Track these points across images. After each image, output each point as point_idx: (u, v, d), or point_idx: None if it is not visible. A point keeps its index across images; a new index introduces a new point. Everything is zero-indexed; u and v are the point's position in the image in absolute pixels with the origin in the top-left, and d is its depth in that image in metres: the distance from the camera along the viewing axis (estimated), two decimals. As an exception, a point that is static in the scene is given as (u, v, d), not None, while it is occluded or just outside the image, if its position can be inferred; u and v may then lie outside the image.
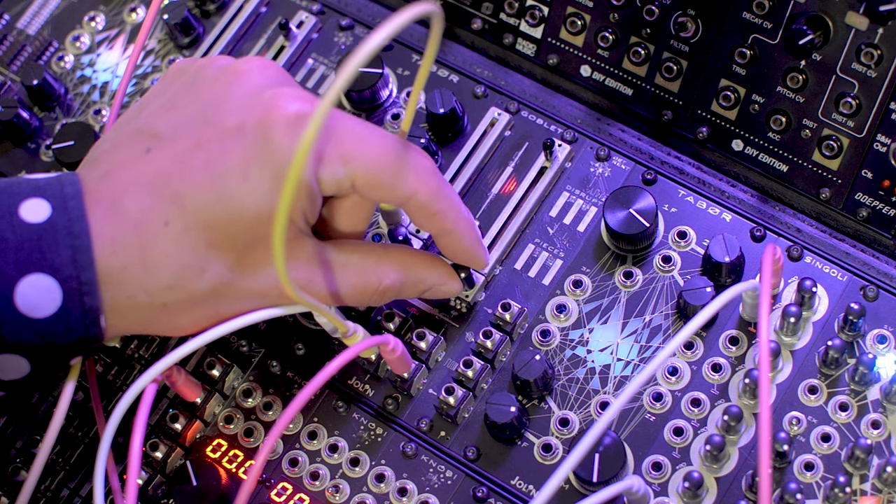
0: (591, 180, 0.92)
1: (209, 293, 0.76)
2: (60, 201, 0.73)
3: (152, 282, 0.74)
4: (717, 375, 0.85)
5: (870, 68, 0.86)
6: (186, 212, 0.74)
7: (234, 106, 0.75)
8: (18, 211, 0.73)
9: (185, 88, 0.78)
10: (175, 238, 0.74)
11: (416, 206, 0.78)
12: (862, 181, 0.88)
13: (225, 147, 0.74)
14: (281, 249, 0.68)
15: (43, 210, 0.73)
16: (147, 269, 0.74)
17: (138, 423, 0.76)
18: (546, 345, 0.88)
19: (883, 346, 0.85)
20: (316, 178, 0.75)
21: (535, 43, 0.97)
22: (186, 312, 0.76)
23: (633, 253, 0.89)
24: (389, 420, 0.88)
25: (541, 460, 0.85)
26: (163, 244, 0.74)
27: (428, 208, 0.78)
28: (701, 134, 0.93)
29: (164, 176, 0.74)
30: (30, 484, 0.79)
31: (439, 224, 0.80)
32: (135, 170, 0.75)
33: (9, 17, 1.04)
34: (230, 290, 0.76)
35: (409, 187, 0.77)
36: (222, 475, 0.85)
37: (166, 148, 0.75)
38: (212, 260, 0.75)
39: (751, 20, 0.89)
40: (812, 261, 0.88)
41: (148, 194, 0.74)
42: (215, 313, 0.77)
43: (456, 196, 0.80)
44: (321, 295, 0.79)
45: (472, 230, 0.82)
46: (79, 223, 0.72)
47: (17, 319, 0.72)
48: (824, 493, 0.81)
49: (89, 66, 1.01)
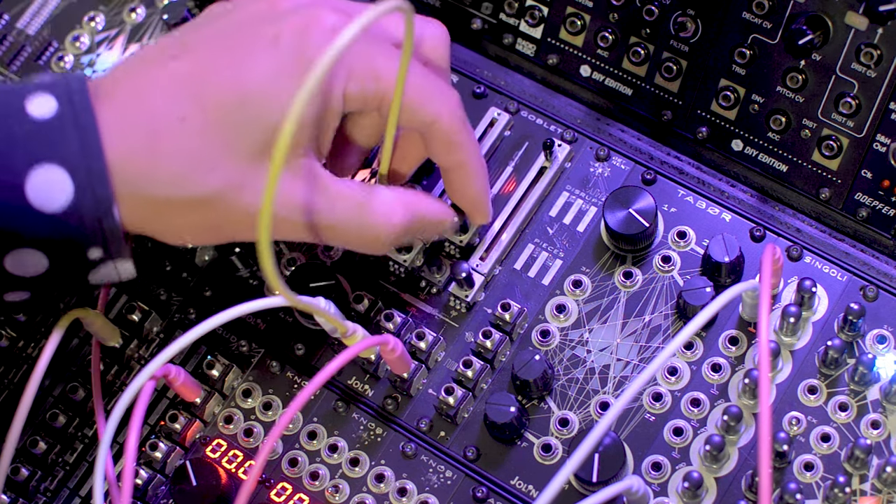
0: (590, 180, 0.92)
1: (213, 195, 0.74)
2: (66, 96, 0.73)
3: (159, 172, 0.74)
4: (716, 375, 0.85)
5: (869, 68, 0.86)
6: (206, 111, 0.73)
7: (270, 18, 0.76)
8: (25, 106, 0.73)
9: (219, 14, 0.78)
10: (190, 133, 0.73)
11: (437, 133, 0.79)
12: (862, 181, 0.88)
13: (256, 55, 0.74)
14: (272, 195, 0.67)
15: (49, 104, 0.73)
16: (155, 159, 0.73)
17: (135, 418, 0.76)
18: (546, 345, 0.88)
19: (883, 346, 0.85)
20: (343, 94, 0.76)
21: (535, 43, 0.97)
22: (188, 214, 0.75)
23: (633, 253, 0.89)
24: (389, 420, 0.88)
25: (540, 460, 0.85)
26: (176, 137, 0.73)
27: (448, 137, 0.79)
28: (701, 134, 0.93)
29: (186, 77, 0.74)
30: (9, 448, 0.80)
31: (456, 156, 0.81)
32: (155, 73, 0.75)
33: (9, 17, 1.04)
34: (234, 197, 0.75)
35: (434, 111, 0.78)
36: (222, 475, 0.85)
37: (193, 53, 0.75)
38: (224, 160, 0.74)
39: (750, 20, 0.89)
40: (812, 261, 0.88)
41: (165, 93, 0.74)
42: (215, 226, 0.76)
43: (476, 139, 0.82)
44: (323, 227, 0.78)
45: (484, 173, 0.83)
46: (85, 114, 0.73)
47: (31, 213, 0.72)
48: (824, 493, 0.81)
49: (89, 66, 1.02)
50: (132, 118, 0.73)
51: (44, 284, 0.76)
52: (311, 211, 0.77)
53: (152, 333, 0.93)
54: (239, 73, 0.74)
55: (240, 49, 0.75)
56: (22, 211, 0.72)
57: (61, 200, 0.72)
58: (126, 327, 0.92)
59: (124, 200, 0.74)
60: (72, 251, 0.74)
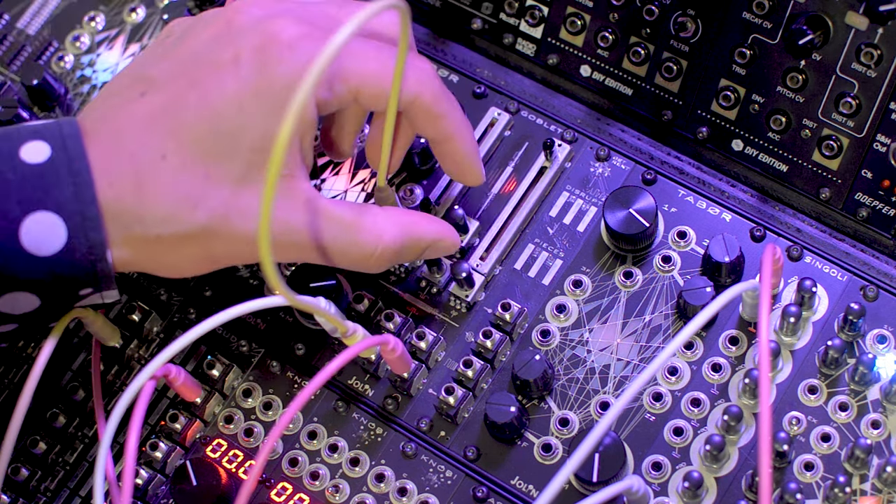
0: (591, 180, 0.92)
1: (203, 228, 0.75)
2: (60, 141, 0.74)
3: (147, 212, 0.74)
4: (716, 375, 0.85)
5: (870, 68, 0.86)
6: (183, 146, 0.74)
7: (228, 41, 0.76)
8: (19, 153, 0.73)
9: (177, 39, 0.79)
10: (172, 170, 0.74)
11: (419, 110, 0.79)
12: (862, 181, 0.88)
13: (220, 80, 0.74)
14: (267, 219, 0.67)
15: (43, 151, 0.74)
16: (142, 200, 0.74)
17: (135, 418, 0.76)
18: (546, 345, 0.88)
19: (883, 345, 0.85)
20: (315, 103, 0.76)
21: (535, 43, 0.97)
22: (179, 248, 0.76)
23: (633, 253, 0.89)
24: (389, 420, 0.88)
25: (541, 460, 0.85)
26: (160, 175, 0.74)
27: (431, 111, 0.79)
28: (701, 134, 0.93)
29: (159, 114, 0.75)
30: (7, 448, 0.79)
31: (442, 128, 0.81)
32: (130, 110, 0.75)
33: (9, 17, 1.04)
34: (224, 227, 0.75)
35: (412, 91, 0.78)
36: (222, 475, 0.85)
37: (160, 90, 0.76)
38: (208, 193, 0.75)
39: (751, 20, 0.89)
40: (812, 261, 0.88)
41: (144, 131, 0.74)
42: (208, 255, 0.77)
43: (456, 102, 0.82)
44: (312, 247, 0.78)
45: (472, 138, 0.83)
46: (79, 161, 0.73)
47: (24, 258, 0.73)
48: (824, 493, 0.81)
49: (89, 66, 1.01)
50: (117, 160, 0.74)
51: (33, 319, 0.77)
52: (299, 231, 0.77)
53: (152, 333, 0.93)
54: (206, 103, 0.74)
55: (204, 78, 0.75)
56: (16, 255, 0.73)
57: (55, 245, 0.73)
58: (126, 327, 0.92)
59: (117, 242, 0.75)
60: (63, 291, 0.75)
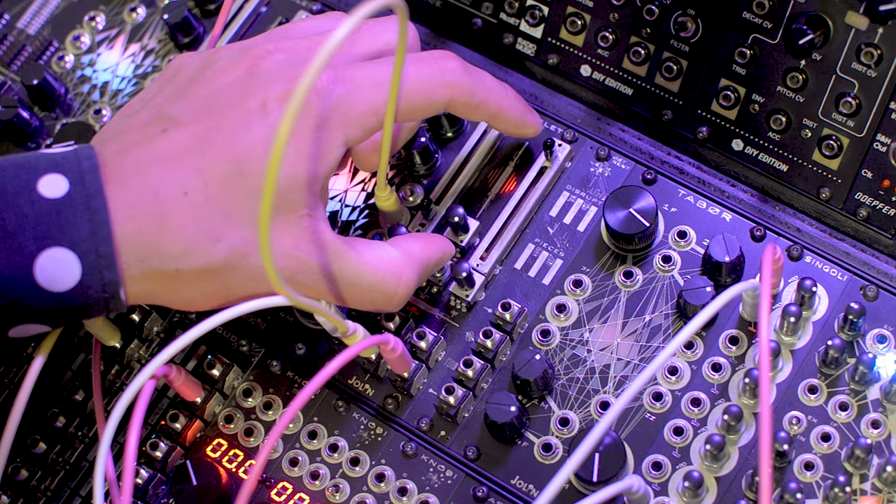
0: (591, 180, 0.92)
1: (222, 264, 0.75)
2: (78, 176, 0.74)
3: (167, 246, 0.74)
4: (717, 375, 0.85)
5: (870, 68, 0.86)
6: (207, 184, 0.74)
7: (255, 87, 0.76)
8: (37, 187, 0.73)
9: (193, 78, 0.79)
10: (194, 206, 0.74)
11: (457, 107, 0.82)
12: (862, 181, 0.88)
13: (247, 125, 0.75)
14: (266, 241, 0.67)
15: (61, 185, 0.73)
16: (163, 234, 0.74)
17: (135, 418, 0.76)
18: (546, 344, 0.88)
19: (883, 345, 0.85)
20: (344, 141, 0.77)
21: (535, 43, 0.97)
22: (197, 283, 0.76)
23: (633, 253, 0.89)
24: (389, 420, 0.88)
25: (541, 460, 0.85)
26: (182, 210, 0.74)
27: (469, 103, 0.82)
28: (701, 134, 0.93)
29: (183, 153, 0.75)
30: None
31: (486, 111, 0.84)
32: (152, 147, 0.75)
33: (9, 16, 1.04)
34: (243, 264, 0.76)
35: (444, 97, 0.80)
36: (222, 475, 0.85)
37: (182, 128, 0.76)
38: (229, 230, 0.75)
39: (751, 20, 0.89)
40: (812, 260, 0.88)
41: (166, 166, 0.74)
42: (225, 289, 0.77)
43: (489, 78, 0.84)
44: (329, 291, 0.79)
45: (517, 102, 0.86)
46: (97, 198, 0.73)
47: (38, 293, 0.73)
48: (824, 493, 0.81)
49: (89, 66, 1.02)
50: (138, 196, 0.74)
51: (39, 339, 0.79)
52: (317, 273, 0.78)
53: (152, 333, 0.93)
54: (234, 145, 0.75)
55: (230, 121, 0.75)
56: (30, 290, 0.73)
57: (69, 282, 0.73)
58: (126, 327, 0.92)
59: (132, 277, 0.75)
60: (74, 320, 0.75)
